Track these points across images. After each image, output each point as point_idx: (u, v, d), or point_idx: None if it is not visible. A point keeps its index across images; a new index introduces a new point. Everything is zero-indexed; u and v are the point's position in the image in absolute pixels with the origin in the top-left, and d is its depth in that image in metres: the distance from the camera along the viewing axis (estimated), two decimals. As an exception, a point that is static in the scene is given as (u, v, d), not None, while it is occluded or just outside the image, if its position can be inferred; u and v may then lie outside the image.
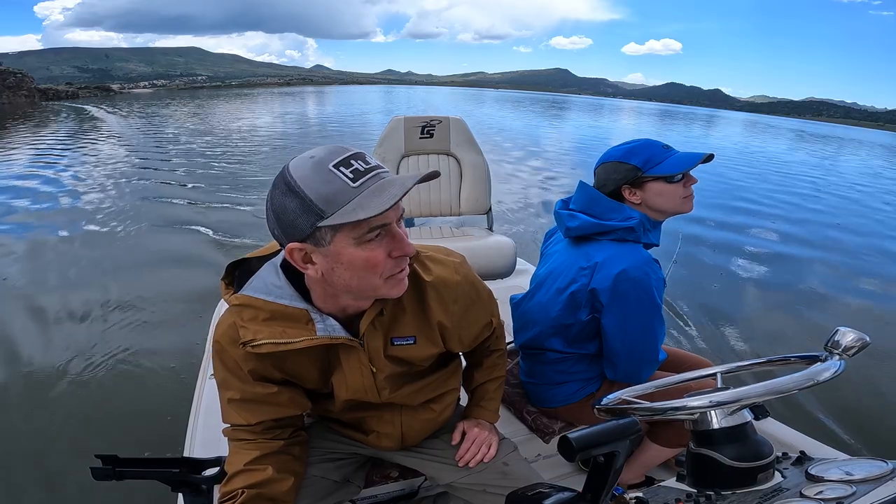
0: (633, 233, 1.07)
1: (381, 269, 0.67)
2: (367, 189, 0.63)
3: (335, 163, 0.63)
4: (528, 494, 0.56)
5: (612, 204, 1.10)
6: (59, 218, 5.23)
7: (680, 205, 1.09)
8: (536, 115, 29.90)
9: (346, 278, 0.68)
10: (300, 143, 11.86)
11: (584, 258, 1.09)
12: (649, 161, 1.07)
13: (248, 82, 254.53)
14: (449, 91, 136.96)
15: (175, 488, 0.87)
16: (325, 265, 0.67)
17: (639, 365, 1.11)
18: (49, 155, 9.51)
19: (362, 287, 0.69)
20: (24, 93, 36.57)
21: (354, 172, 0.63)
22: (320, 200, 0.62)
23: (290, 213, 0.64)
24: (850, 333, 0.62)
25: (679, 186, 1.07)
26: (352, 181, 0.63)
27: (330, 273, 0.68)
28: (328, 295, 0.73)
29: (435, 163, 2.26)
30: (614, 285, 1.02)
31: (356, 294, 0.72)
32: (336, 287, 0.70)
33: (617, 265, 1.03)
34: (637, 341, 1.08)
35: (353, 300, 0.74)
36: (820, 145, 24.87)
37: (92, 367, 2.52)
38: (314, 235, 0.64)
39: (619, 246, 1.06)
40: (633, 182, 1.09)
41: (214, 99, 39.73)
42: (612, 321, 1.07)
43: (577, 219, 1.11)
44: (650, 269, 1.03)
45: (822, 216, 7.15)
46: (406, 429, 0.94)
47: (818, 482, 0.57)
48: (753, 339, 3.19)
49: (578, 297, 1.09)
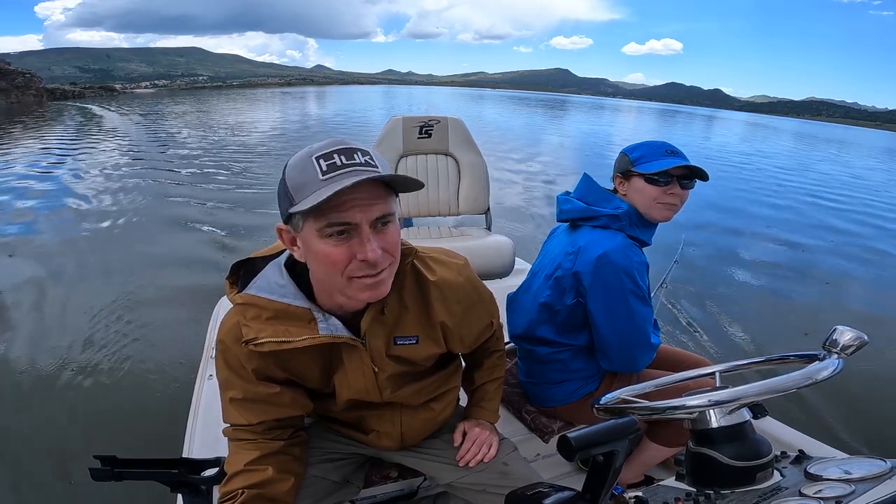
0: (619, 221, 1.11)
1: (341, 268, 0.66)
2: (331, 182, 0.62)
3: (319, 154, 0.64)
4: (528, 494, 0.56)
5: (604, 193, 1.15)
6: (62, 217, 5.23)
7: (655, 208, 1.10)
8: (537, 114, 29.92)
9: (315, 269, 0.71)
10: (301, 143, 11.88)
11: (571, 244, 1.14)
12: (643, 157, 1.10)
13: (249, 82, 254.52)
14: (450, 91, 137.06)
15: (174, 489, 0.87)
16: (303, 250, 0.69)
17: (630, 350, 1.12)
18: (64, 150, 9.72)
19: (329, 282, 0.71)
20: (32, 92, 36.94)
21: (330, 166, 0.63)
22: (293, 188, 0.65)
23: (280, 195, 0.68)
24: (849, 332, 0.62)
25: (659, 191, 1.08)
26: (322, 173, 0.63)
27: (308, 259, 0.70)
28: (323, 289, 0.74)
29: (433, 163, 2.26)
30: (595, 268, 1.06)
31: (327, 288, 0.73)
32: (315, 277, 0.73)
33: (597, 249, 1.07)
34: (623, 324, 1.09)
35: (342, 297, 0.73)
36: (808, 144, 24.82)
37: (91, 367, 2.52)
38: (291, 220, 0.67)
39: (602, 232, 1.11)
40: (624, 173, 1.14)
41: (216, 98, 39.80)
42: (597, 304, 1.09)
43: (570, 203, 1.19)
44: (630, 252, 1.07)
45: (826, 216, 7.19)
46: (406, 428, 0.94)
47: (817, 481, 0.57)
48: (753, 338, 3.20)
49: (563, 282, 1.13)
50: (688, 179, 1.08)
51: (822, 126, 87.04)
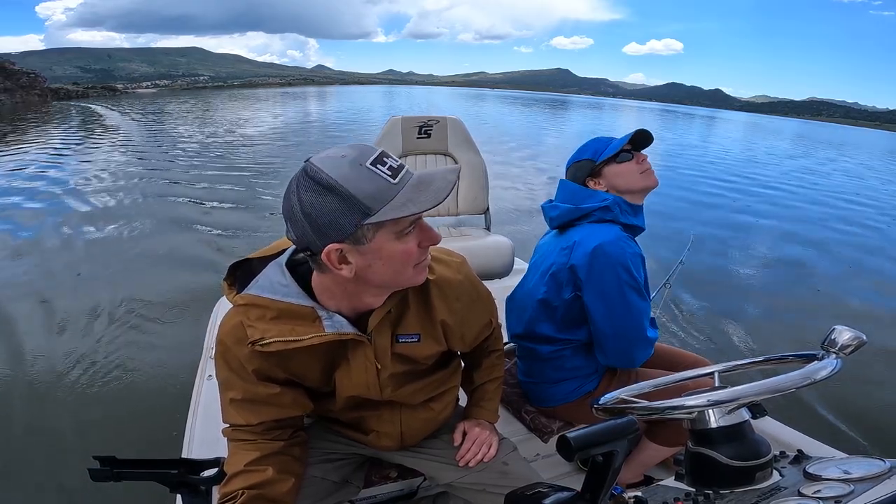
0: (610, 212, 1.13)
1: (415, 259, 0.71)
2: (406, 185, 0.65)
3: (370, 161, 0.64)
4: (528, 494, 0.56)
5: (587, 191, 1.18)
6: (63, 216, 5.23)
7: (640, 179, 1.16)
8: (536, 114, 29.94)
9: (381, 273, 0.69)
10: (306, 141, 11.92)
11: (565, 240, 1.16)
12: (597, 151, 1.18)
13: (249, 82, 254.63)
14: (451, 91, 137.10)
15: (174, 489, 0.87)
16: (361, 263, 0.68)
17: (627, 344, 1.12)
18: (69, 148, 9.89)
19: (396, 279, 0.72)
20: (36, 92, 37.13)
21: (391, 169, 0.65)
22: (366, 198, 0.63)
23: (330, 213, 0.63)
24: (847, 332, 0.62)
25: (632, 164, 1.16)
26: (392, 178, 0.64)
27: (365, 270, 0.68)
28: (346, 295, 0.74)
29: (433, 163, 2.26)
30: (591, 260, 1.07)
31: (389, 286, 0.74)
32: (369, 283, 0.71)
33: (592, 241, 1.08)
34: (619, 317, 1.09)
35: (374, 297, 0.75)
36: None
37: (91, 367, 2.51)
38: (355, 234, 0.64)
39: (596, 225, 1.13)
40: (592, 173, 1.18)
41: (219, 98, 39.82)
42: (593, 297, 1.09)
43: (557, 208, 1.21)
44: (624, 244, 1.08)
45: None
46: (405, 428, 0.94)
47: (816, 481, 0.57)
48: (752, 338, 3.20)
49: (560, 277, 1.14)
50: (640, 147, 1.18)
51: (822, 126, 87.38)
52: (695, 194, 7.97)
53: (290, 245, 0.78)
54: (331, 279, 0.72)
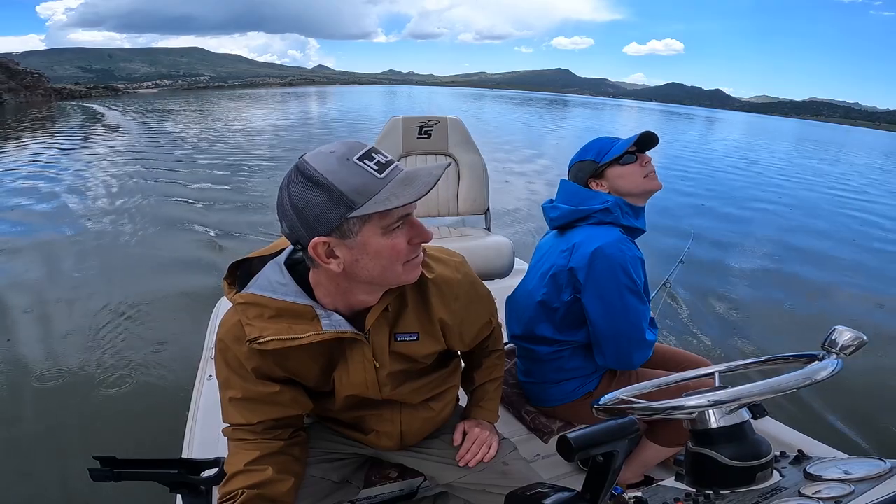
0: (611, 214, 1.13)
1: (405, 256, 0.70)
2: (392, 179, 0.65)
3: (358, 156, 0.65)
4: (528, 494, 0.56)
5: (589, 192, 1.17)
6: (63, 216, 5.24)
7: (644, 182, 1.15)
8: (536, 114, 29.93)
9: (369, 268, 0.69)
10: (307, 141, 11.94)
11: (565, 242, 1.15)
12: (601, 151, 1.17)
13: (250, 82, 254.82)
14: (451, 91, 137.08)
15: (174, 489, 0.87)
16: (349, 257, 0.68)
17: (625, 346, 1.12)
18: (73, 147, 9.96)
19: (385, 276, 0.71)
20: (40, 92, 37.62)
21: (378, 164, 0.65)
22: (350, 192, 0.63)
23: (317, 206, 0.65)
24: (848, 332, 0.62)
25: (636, 167, 1.15)
26: (378, 172, 0.65)
27: (353, 265, 0.69)
28: (340, 291, 0.74)
29: (433, 163, 2.26)
30: (590, 262, 1.07)
31: (378, 283, 0.74)
32: (358, 279, 0.71)
33: (592, 244, 1.08)
34: (618, 319, 1.09)
35: (367, 294, 0.75)
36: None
37: (91, 367, 2.52)
38: (341, 228, 0.65)
39: (596, 228, 1.13)
40: (595, 174, 1.18)
41: (220, 98, 39.84)
42: (592, 299, 1.10)
43: (557, 209, 1.20)
44: (624, 247, 1.08)
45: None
46: (405, 427, 0.94)
47: (816, 481, 0.57)
48: (752, 337, 3.20)
49: (560, 279, 1.14)
50: (645, 149, 1.17)
51: (821, 126, 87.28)
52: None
53: (289, 245, 0.78)
54: (323, 274, 0.73)
